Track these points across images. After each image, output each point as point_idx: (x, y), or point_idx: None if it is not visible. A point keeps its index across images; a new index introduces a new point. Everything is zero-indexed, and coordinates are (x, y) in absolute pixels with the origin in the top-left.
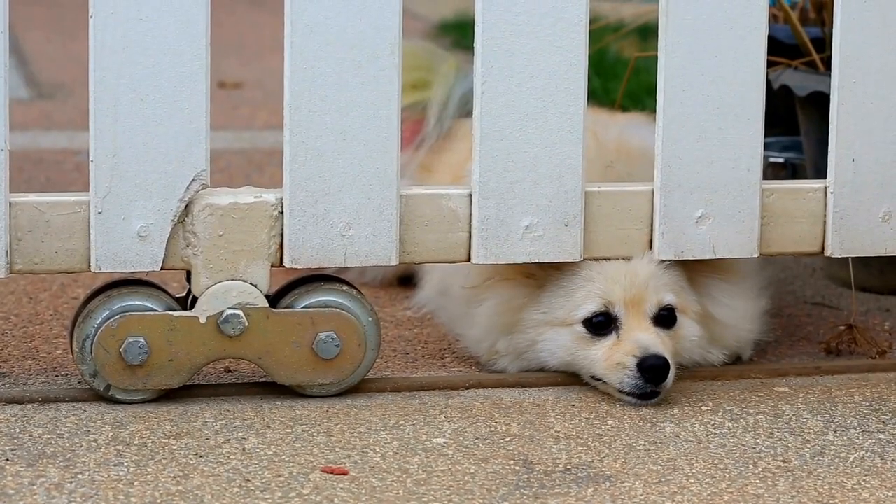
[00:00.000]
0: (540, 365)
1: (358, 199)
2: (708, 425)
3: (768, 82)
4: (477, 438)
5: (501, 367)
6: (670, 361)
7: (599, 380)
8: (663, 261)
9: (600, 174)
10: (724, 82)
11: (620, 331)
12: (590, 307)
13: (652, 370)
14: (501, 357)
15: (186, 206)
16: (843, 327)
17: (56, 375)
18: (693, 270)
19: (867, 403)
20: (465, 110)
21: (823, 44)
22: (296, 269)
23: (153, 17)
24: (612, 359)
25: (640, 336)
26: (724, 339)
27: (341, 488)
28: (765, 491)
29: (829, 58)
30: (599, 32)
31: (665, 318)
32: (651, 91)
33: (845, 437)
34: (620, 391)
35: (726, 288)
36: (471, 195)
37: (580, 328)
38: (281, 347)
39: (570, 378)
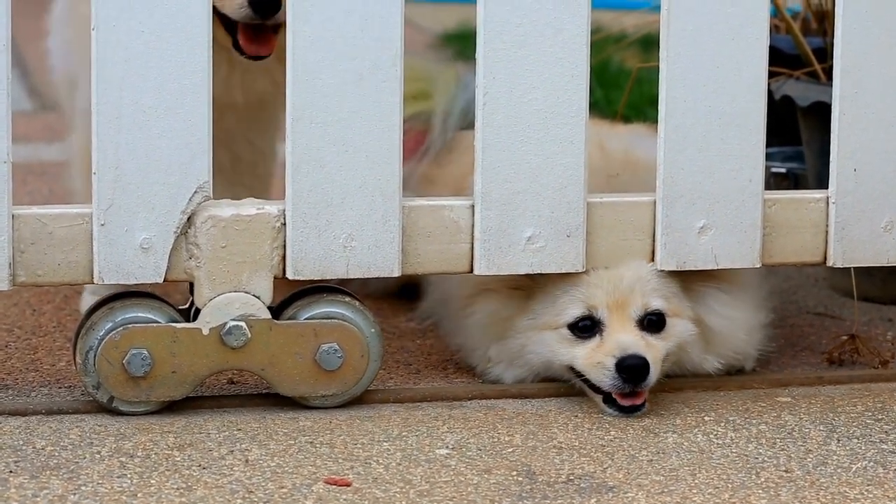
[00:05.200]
0: (528, 367)
1: (360, 210)
2: (711, 435)
3: (770, 92)
4: (480, 449)
5: (496, 374)
6: (650, 363)
7: (579, 375)
8: (661, 268)
9: (603, 185)
10: (725, 93)
11: (604, 333)
12: (574, 312)
13: (630, 370)
14: (495, 365)
15: (189, 218)
16: (845, 337)
17: (59, 387)
18: (690, 279)
19: (870, 413)
20: (467, 121)
21: (825, 54)
22: (298, 280)
23: (155, 30)
24: (593, 358)
25: (621, 337)
26: (718, 347)
27: (344, 499)
28: (767, 501)
29: (831, 68)
30: (601, 43)
31: (653, 322)
32: (653, 102)
33: (848, 447)
34: (601, 390)
35: (722, 297)
36: (473, 206)
37: (565, 331)
38: (284, 359)
39: (572, 389)
